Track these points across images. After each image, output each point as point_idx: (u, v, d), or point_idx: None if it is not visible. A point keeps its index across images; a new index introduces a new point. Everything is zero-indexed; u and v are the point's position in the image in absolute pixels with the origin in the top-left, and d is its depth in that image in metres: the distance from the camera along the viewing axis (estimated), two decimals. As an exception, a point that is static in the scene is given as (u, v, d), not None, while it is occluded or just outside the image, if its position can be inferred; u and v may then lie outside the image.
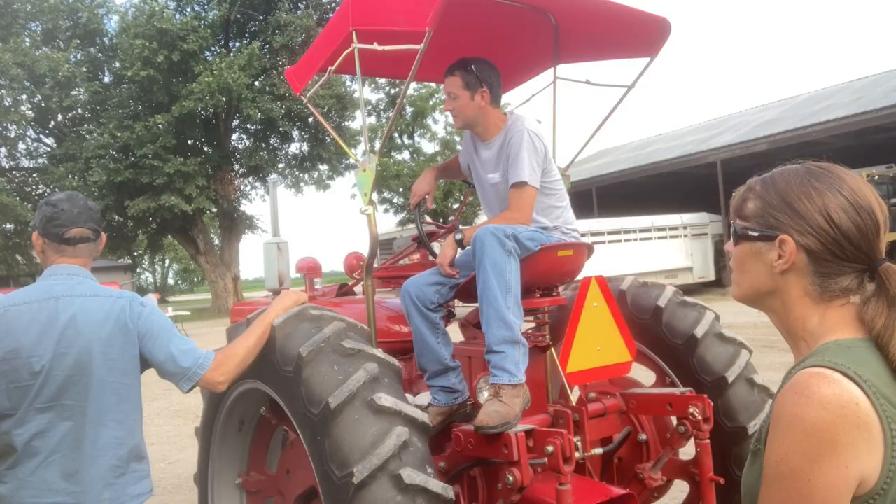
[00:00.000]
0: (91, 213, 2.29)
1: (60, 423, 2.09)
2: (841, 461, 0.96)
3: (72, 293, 2.17)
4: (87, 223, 2.26)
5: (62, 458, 2.09)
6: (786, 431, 1.01)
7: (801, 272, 1.13)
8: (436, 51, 2.64)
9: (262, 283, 4.74)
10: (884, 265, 1.09)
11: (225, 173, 27.27)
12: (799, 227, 1.12)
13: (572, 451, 2.23)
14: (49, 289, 2.17)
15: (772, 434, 1.05)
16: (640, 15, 2.90)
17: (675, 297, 3.24)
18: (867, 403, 0.97)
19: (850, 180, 1.13)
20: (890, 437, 0.97)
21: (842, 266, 1.10)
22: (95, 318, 2.15)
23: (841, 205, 1.10)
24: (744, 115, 27.61)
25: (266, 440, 3.17)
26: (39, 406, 2.08)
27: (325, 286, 4.42)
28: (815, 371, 1.02)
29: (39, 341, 2.08)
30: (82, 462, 2.11)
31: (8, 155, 27.80)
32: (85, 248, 2.27)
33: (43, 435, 2.09)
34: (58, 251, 2.23)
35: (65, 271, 2.22)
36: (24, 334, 2.09)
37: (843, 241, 1.09)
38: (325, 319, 2.48)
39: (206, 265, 28.80)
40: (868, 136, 19.75)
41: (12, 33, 23.49)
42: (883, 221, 1.11)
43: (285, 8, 26.08)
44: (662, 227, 20.69)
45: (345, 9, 2.70)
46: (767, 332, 11.67)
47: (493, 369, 2.51)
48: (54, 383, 2.08)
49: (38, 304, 2.14)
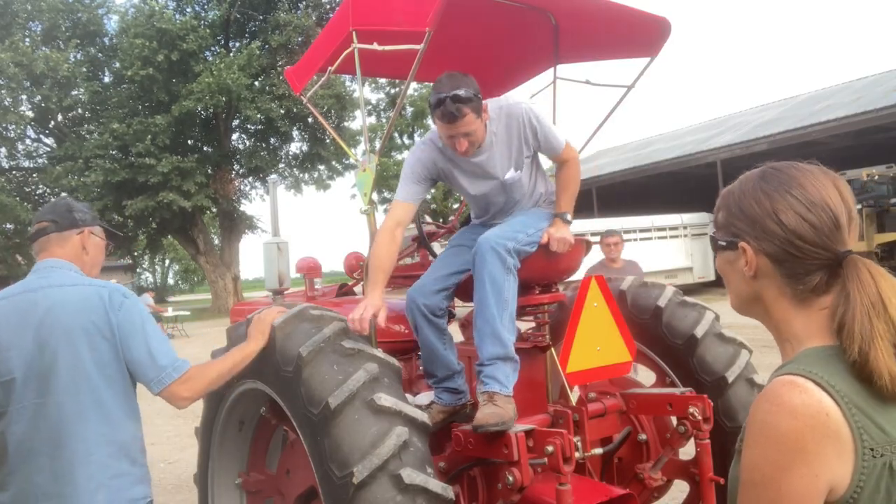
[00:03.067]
0: (54, 207, 2.29)
1: (44, 420, 2.03)
2: (810, 470, 0.97)
3: (49, 284, 2.13)
4: (44, 216, 2.27)
5: (51, 459, 2.02)
6: (756, 439, 1.02)
7: (770, 276, 1.13)
8: (436, 51, 2.64)
9: (262, 283, 4.73)
10: (848, 257, 1.08)
11: (225, 173, 27.28)
12: (754, 232, 1.13)
13: (572, 451, 2.23)
14: (27, 282, 2.17)
15: (746, 440, 1.05)
16: (640, 15, 2.90)
17: (675, 297, 3.24)
18: (838, 413, 0.97)
19: (802, 178, 1.12)
20: (861, 446, 0.97)
21: (805, 265, 1.10)
22: (73, 306, 2.09)
23: (790, 205, 1.10)
24: (744, 115, 27.61)
25: (266, 440, 3.16)
26: (26, 403, 2.03)
27: (325, 286, 4.42)
28: (787, 379, 1.03)
29: (16, 335, 2.04)
30: (72, 462, 2.03)
31: (8, 155, 27.81)
32: (46, 241, 2.24)
33: (31, 435, 2.02)
34: (35, 251, 2.29)
35: (47, 265, 2.21)
36: (3, 329, 2.05)
37: (797, 240, 1.09)
38: (325, 319, 2.48)
39: (206, 265, 28.80)
40: (868, 136, 19.75)
41: (11, 33, 23.47)
42: (844, 213, 1.09)
43: (285, 8, 26.08)
44: (662, 227, 20.69)
45: (345, 9, 2.70)
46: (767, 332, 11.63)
47: (485, 378, 2.53)
48: (35, 377, 2.03)
49: (17, 297, 2.12)
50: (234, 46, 27.45)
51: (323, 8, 27.23)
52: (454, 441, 2.54)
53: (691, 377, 3.04)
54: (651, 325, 3.18)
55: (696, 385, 2.98)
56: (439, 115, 2.55)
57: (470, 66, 3.55)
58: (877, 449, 0.98)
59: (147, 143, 23.80)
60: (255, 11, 26.77)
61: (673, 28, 3.01)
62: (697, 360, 3.04)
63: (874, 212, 17.89)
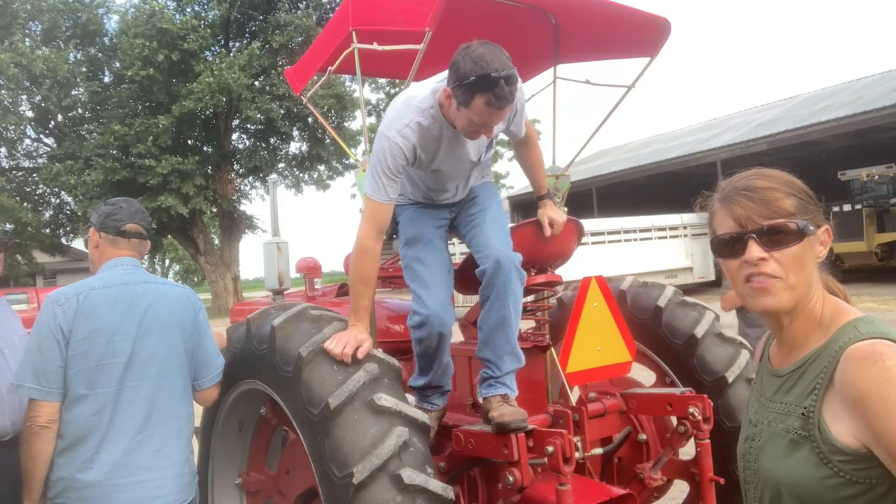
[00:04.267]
0: (144, 215, 2.54)
1: (144, 400, 2.25)
2: None
3: (146, 280, 2.39)
4: (141, 221, 2.50)
5: (149, 436, 2.25)
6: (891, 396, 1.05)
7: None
8: (436, 51, 2.64)
9: (262, 283, 4.74)
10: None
11: (224, 173, 27.26)
12: (822, 215, 1.24)
13: (572, 452, 2.23)
14: (122, 276, 2.35)
15: (877, 406, 1.06)
16: (640, 15, 2.90)
17: (675, 297, 3.24)
18: None
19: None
20: None
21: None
22: (172, 303, 2.38)
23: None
24: (744, 115, 27.61)
25: (266, 440, 3.16)
26: (125, 384, 2.22)
27: (325, 286, 4.43)
28: (871, 343, 1.12)
29: (122, 322, 2.25)
30: (167, 437, 2.29)
31: (8, 155, 27.80)
32: (137, 243, 2.48)
33: (128, 413, 2.22)
34: (113, 244, 2.43)
35: (129, 262, 2.43)
36: (108, 315, 2.24)
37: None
38: (325, 319, 2.48)
39: (206, 265, 28.78)
40: (868, 136, 19.75)
41: (11, 33, 23.46)
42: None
43: (285, 8, 26.06)
44: (662, 227, 20.68)
45: (345, 9, 2.70)
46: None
47: (497, 383, 2.54)
48: (138, 362, 2.25)
49: (116, 288, 2.30)
50: (234, 46, 27.43)
51: (323, 8, 27.21)
52: (454, 441, 2.54)
53: (691, 377, 3.04)
54: (651, 325, 3.18)
55: (696, 385, 2.98)
56: (488, 100, 2.15)
57: (470, 66, 3.56)
58: None
59: (148, 145, 23.81)
60: (255, 11, 26.75)
61: (673, 28, 3.01)
62: (697, 360, 3.04)
63: (874, 212, 17.89)
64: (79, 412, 2.18)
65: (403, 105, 2.43)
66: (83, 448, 2.17)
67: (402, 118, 2.40)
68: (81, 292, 2.26)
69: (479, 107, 2.17)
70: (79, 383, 2.18)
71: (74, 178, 24.53)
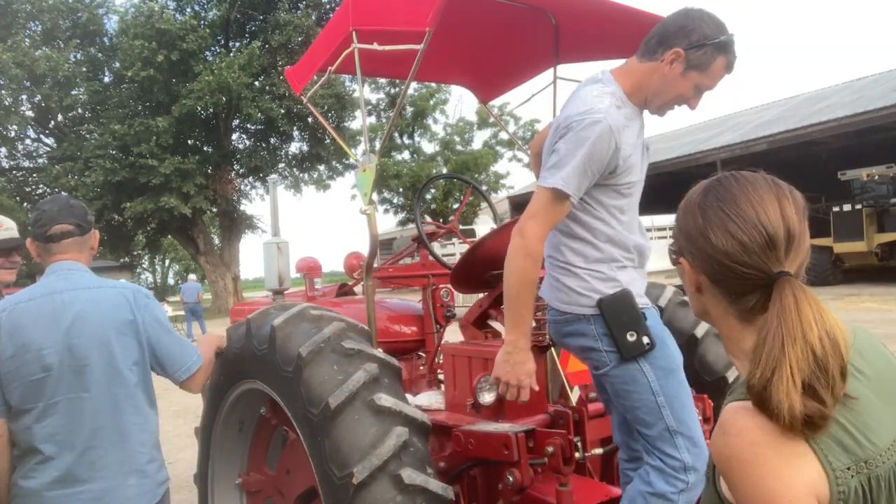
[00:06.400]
0: (72, 209, 2.33)
1: (80, 413, 2.15)
2: (791, 470, 0.94)
3: (75, 286, 2.23)
4: (66, 219, 2.30)
5: (87, 448, 2.15)
6: (734, 474, 0.97)
7: (712, 292, 1.10)
8: (436, 51, 2.64)
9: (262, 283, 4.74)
10: (778, 279, 1.01)
11: (225, 173, 27.27)
12: (691, 249, 1.10)
13: (572, 452, 2.23)
14: (51, 284, 2.23)
15: (726, 480, 1.00)
16: (640, 15, 2.90)
17: (675, 297, 3.24)
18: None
19: (739, 193, 1.06)
20: (828, 467, 0.94)
21: (739, 284, 1.05)
22: (103, 308, 2.22)
23: (721, 223, 1.05)
24: (744, 115, 27.61)
25: (266, 440, 3.16)
26: (57, 399, 2.13)
27: (325, 286, 4.43)
28: (737, 406, 1.00)
29: (48, 335, 2.14)
30: (106, 449, 2.18)
31: (8, 155, 27.80)
32: (71, 244, 2.30)
33: (64, 427, 2.14)
34: (47, 250, 2.29)
35: (65, 267, 2.28)
36: (32, 329, 2.14)
37: (726, 260, 1.04)
38: (325, 319, 2.48)
39: (206, 265, 28.79)
40: (868, 136, 19.74)
41: (13, 33, 23.46)
42: (781, 231, 1.02)
43: (285, 8, 26.06)
44: (662, 227, 20.71)
45: (345, 8, 2.70)
46: (767, 332, 11.65)
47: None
48: (68, 374, 2.14)
49: (42, 299, 2.19)
50: (234, 46, 27.42)
51: (323, 8, 27.21)
52: (454, 441, 2.54)
53: (691, 377, 3.03)
54: (651, 325, 3.17)
55: (697, 385, 2.98)
56: (728, 61, 2.04)
57: (470, 66, 3.56)
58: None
59: (151, 145, 23.81)
60: (255, 11, 26.74)
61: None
62: (698, 360, 3.04)
63: (874, 212, 17.88)
64: (19, 425, 2.16)
65: (591, 89, 2.12)
66: (28, 458, 2.16)
67: (601, 99, 2.05)
68: (6, 308, 2.18)
69: (718, 69, 2.04)
70: (14, 399, 2.14)
71: (75, 180, 24.53)
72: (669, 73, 2.06)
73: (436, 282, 3.65)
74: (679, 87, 2.09)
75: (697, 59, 2.02)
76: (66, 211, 2.32)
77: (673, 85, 2.08)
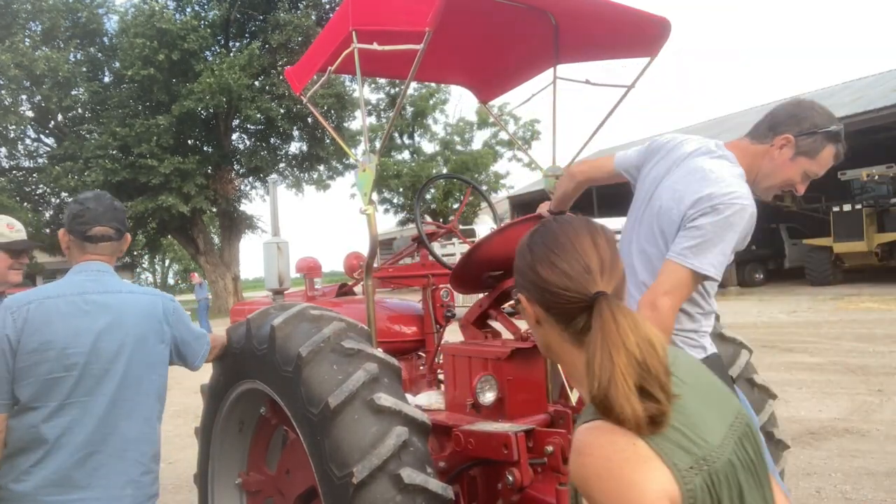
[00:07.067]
0: (115, 213, 2.33)
1: (91, 417, 2.12)
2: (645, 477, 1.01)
3: (106, 289, 2.23)
4: (110, 222, 2.30)
5: (90, 454, 2.11)
6: (594, 493, 1.04)
7: (548, 322, 1.21)
8: (436, 51, 2.64)
9: (262, 283, 4.74)
10: (598, 298, 1.13)
11: (225, 173, 27.28)
12: (525, 283, 1.23)
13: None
14: (81, 284, 2.22)
15: (588, 499, 1.06)
16: (640, 15, 2.90)
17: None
18: (642, 441, 1.02)
19: (559, 231, 1.22)
20: (674, 469, 1.02)
21: (567, 309, 1.17)
22: (134, 313, 2.23)
23: (545, 256, 1.19)
24: (744, 115, 27.59)
25: (266, 440, 3.16)
26: (73, 400, 2.10)
27: (325, 286, 4.43)
28: (586, 426, 1.08)
29: (77, 335, 2.11)
30: (109, 456, 2.14)
31: (8, 155, 27.79)
32: (107, 247, 2.31)
33: (72, 429, 2.10)
34: (81, 248, 2.28)
35: (94, 268, 2.27)
36: (60, 327, 2.10)
37: (553, 287, 1.17)
38: (324, 319, 2.48)
39: (206, 265, 28.80)
40: (868, 136, 19.73)
41: (12, 33, 23.45)
42: (595, 260, 1.16)
43: (285, 8, 26.06)
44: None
45: (345, 8, 2.70)
46: (767, 332, 11.66)
47: None
48: (91, 377, 2.11)
49: (72, 297, 2.17)
50: (234, 46, 27.43)
51: (323, 8, 27.21)
52: (454, 441, 2.54)
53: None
54: (651, 325, 3.17)
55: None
56: (837, 151, 2.12)
57: (470, 66, 3.56)
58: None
59: (151, 145, 23.81)
60: (255, 11, 26.76)
61: (673, 28, 3.01)
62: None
63: (874, 212, 17.89)
64: (22, 423, 2.09)
65: (724, 167, 2.11)
66: (22, 459, 2.09)
67: (740, 183, 2.07)
68: (33, 301, 2.13)
69: (826, 157, 2.11)
70: (25, 395, 2.08)
71: (75, 180, 24.53)
72: (779, 158, 2.13)
73: (436, 282, 3.66)
74: (788, 172, 2.15)
75: (807, 146, 2.09)
76: (111, 213, 2.31)
77: (782, 169, 2.14)
